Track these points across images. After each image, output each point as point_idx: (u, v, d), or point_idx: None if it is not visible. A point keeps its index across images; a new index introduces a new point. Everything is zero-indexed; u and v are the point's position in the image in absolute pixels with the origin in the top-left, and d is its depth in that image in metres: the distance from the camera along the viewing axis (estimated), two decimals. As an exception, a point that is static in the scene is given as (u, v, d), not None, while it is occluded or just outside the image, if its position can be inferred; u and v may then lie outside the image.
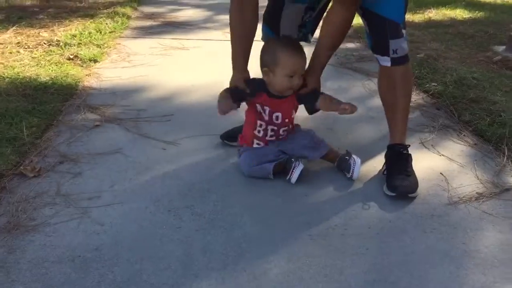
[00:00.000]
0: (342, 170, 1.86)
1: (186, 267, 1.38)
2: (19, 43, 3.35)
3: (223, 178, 1.85)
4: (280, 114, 1.82)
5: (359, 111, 1.84)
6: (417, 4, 5.20)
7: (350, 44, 3.80)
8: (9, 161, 1.86)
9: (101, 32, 3.77)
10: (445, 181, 1.85)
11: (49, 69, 2.88)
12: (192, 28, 4.24)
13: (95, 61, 3.13)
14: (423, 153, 2.06)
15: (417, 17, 4.71)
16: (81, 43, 3.42)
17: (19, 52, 3.17)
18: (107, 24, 4.01)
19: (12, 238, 1.47)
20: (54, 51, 3.21)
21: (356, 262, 1.42)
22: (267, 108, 1.81)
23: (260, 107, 1.83)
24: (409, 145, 1.88)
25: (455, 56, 3.38)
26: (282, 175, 1.83)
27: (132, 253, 1.43)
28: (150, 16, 4.73)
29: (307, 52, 1.81)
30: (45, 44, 3.35)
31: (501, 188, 1.79)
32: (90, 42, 3.48)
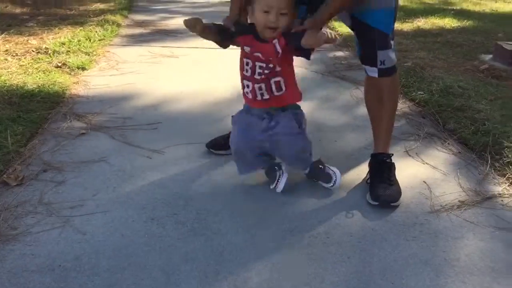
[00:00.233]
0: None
1: (167, 276, 1.38)
2: (7, 50, 3.35)
3: (208, 187, 1.85)
4: (260, 54, 1.74)
5: (345, 119, 1.85)
6: (406, 13, 5.26)
7: (339, 52, 3.83)
8: (-8, 169, 1.85)
9: (90, 40, 3.77)
10: (428, 189, 1.86)
11: (37, 76, 2.87)
12: (183, 36, 4.25)
13: (83, 68, 3.14)
14: (407, 161, 2.08)
15: (406, 26, 4.75)
16: (69, 51, 3.42)
17: (6, 59, 3.16)
18: (96, 32, 4.02)
19: (-8, 247, 1.46)
20: (42, 59, 3.21)
21: (338, 270, 1.42)
22: (248, 47, 1.77)
23: (245, 47, 1.79)
24: (392, 154, 1.89)
25: (442, 64, 3.42)
26: (266, 184, 1.84)
27: (113, 262, 1.43)
28: (140, 24, 4.74)
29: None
30: (33, 51, 3.35)
31: (483, 197, 1.81)
32: (79, 50, 3.48)
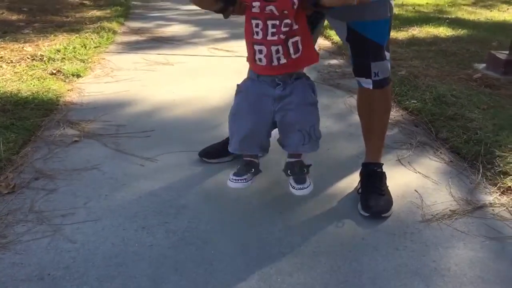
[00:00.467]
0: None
1: (156, 286, 1.38)
2: (2, 57, 3.35)
3: (200, 195, 1.85)
4: (274, 8, 1.49)
5: (339, 127, 1.85)
6: (401, 22, 5.28)
7: (333, 61, 3.84)
8: (-16, 177, 1.85)
9: (86, 47, 3.78)
10: (419, 198, 1.86)
11: (31, 84, 2.87)
12: (179, 43, 4.27)
13: (78, 76, 3.14)
14: (399, 170, 2.08)
15: (401, 35, 4.77)
16: (65, 58, 3.43)
17: (1, 66, 3.16)
18: (92, 39, 4.02)
19: (-18, 256, 1.45)
20: (37, 66, 3.22)
21: (327, 279, 1.42)
22: (258, 2, 1.49)
23: (253, 3, 1.51)
24: (383, 164, 1.90)
25: (436, 73, 3.43)
26: (257, 193, 1.84)
27: (102, 271, 1.42)
28: (136, 31, 4.75)
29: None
30: (28, 58, 3.35)
31: (474, 206, 1.81)
32: (74, 57, 3.49)
